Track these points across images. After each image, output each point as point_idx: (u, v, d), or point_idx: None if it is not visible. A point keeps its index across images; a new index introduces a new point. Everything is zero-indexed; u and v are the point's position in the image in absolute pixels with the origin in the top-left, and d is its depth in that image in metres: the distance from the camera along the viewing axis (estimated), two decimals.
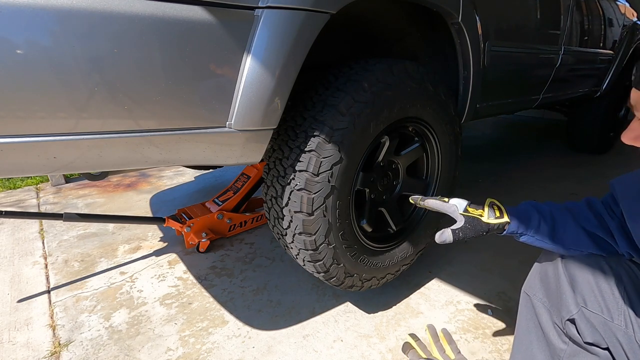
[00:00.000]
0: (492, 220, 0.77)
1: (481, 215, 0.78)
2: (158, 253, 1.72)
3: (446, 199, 0.84)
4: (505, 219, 0.77)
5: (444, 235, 0.76)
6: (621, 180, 0.75)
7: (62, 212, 1.48)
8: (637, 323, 0.63)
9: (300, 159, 0.97)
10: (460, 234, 0.76)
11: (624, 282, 0.67)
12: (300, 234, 1.02)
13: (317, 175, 0.96)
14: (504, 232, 0.79)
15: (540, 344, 0.76)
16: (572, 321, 0.69)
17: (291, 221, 1.03)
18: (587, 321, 0.67)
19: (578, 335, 0.69)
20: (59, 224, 2.01)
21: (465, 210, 0.80)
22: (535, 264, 0.81)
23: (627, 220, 0.69)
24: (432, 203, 0.85)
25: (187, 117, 0.76)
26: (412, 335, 1.14)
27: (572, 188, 2.40)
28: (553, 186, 2.44)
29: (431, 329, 1.16)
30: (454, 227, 0.77)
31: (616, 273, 0.68)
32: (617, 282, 0.67)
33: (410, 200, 0.92)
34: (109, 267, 1.62)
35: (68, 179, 2.81)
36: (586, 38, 2.20)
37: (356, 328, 1.23)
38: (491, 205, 0.80)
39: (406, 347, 1.09)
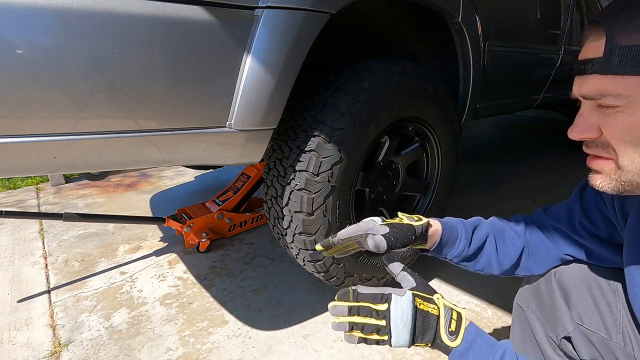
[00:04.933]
0: (414, 222, 0.68)
1: (401, 220, 0.69)
2: (158, 253, 1.72)
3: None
4: (425, 220, 0.70)
5: (377, 239, 0.63)
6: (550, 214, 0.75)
7: (62, 212, 1.48)
8: (637, 341, 0.61)
9: (300, 159, 0.97)
10: (392, 239, 0.64)
11: (621, 297, 0.64)
12: (300, 233, 1.02)
13: (317, 175, 0.96)
14: (430, 247, 0.70)
15: (536, 355, 0.74)
16: (568, 339, 0.67)
17: (291, 221, 1.03)
18: (584, 339, 0.65)
19: (574, 352, 0.66)
20: (59, 224, 2.01)
21: (383, 220, 0.69)
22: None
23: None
24: (345, 232, 0.68)
25: (187, 117, 0.76)
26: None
27: (572, 188, 2.39)
28: (553, 186, 2.44)
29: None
30: (378, 232, 0.65)
31: (613, 287, 0.66)
32: (615, 297, 0.64)
33: (320, 248, 0.71)
34: (109, 267, 1.62)
35: (68, 179, 2.81)
36: None
37: None
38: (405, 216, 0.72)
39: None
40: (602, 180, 0.51)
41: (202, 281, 1.50)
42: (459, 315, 0.57)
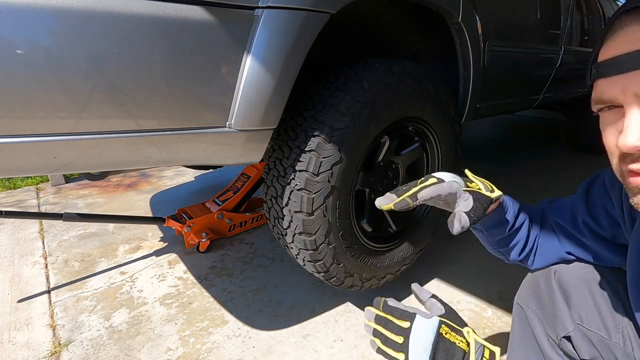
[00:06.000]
0: (490, 194, 0.64)
1: (479, 189, 0.64)
2: (158, 253, 1.72)
3: (434, 179, 0.63)
4: (499, 192, 0.66)
5: (463, 221, 0.58)
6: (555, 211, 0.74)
7: (62, 212, 1.48)
8: (636, 341, 0.61)
9: (300, 159, 0.97)
10: (472, 216, 0.59)
11: (622, 298, 0.64)
12: (300, 233, 1.02)
13: (317, 175, 0.96)
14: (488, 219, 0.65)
15: (536, 355, 0.74)
16: (568, 338, 0.67)
17: (291, 221, 1.03)
18: (583, 338, 0.64)
19: (574, 351, 0.66)
20: (59, 224, 2.01)
21: (466, 185, 0.64)
22: (528, 274, 0.79)
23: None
24: (428, 193, 0.60)
25: (187, 117, 0.76)
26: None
27: (573, 188, 2.39)
28: (553, 186, 2.44)
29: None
30: (464, 208, 0.60)
31: (614, 288, 0.65)
32: (615, 297, 0.64)
33: (388, 207, 0.61)
34: (109, 267, 1.62)
35: (68, 179, 2.81)
36: (586, 38, 2.20)
37: (356, 328, 1.23)
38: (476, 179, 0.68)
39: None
40: None
41: (202, 281, 1.50)
42: (492, 353, 0.50)
